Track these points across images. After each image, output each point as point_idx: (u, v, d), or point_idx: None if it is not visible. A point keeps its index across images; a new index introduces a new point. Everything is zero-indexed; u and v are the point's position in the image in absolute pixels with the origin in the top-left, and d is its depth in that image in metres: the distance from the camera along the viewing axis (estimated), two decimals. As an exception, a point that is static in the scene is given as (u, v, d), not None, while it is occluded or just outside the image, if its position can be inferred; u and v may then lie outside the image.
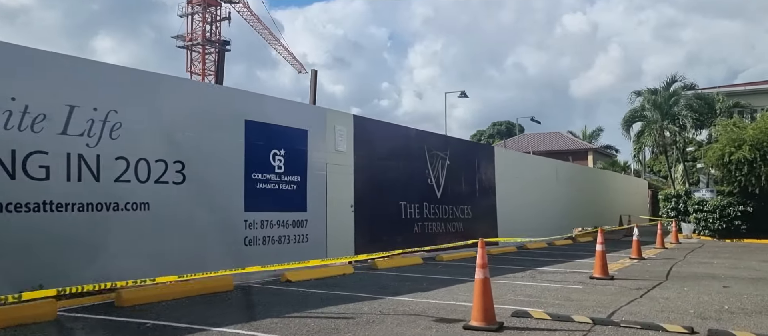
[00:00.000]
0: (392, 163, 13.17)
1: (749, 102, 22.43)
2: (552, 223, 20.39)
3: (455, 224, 15.43)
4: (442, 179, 15.05)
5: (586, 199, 25.03)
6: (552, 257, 14.36)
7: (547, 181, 21.39)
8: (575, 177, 24.34)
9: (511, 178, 18.68)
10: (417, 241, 13.59)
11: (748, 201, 20.64)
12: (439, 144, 15.12)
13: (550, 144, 42.77)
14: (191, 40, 59.15)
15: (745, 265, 12.63)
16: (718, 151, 19.88)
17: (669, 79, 24.01)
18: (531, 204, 19.70)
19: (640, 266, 12.34)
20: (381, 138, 12.88)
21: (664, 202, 23.19)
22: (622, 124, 25.34)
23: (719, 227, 20.84)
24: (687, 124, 22.96)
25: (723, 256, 14.93)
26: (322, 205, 10.84)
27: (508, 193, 18.33)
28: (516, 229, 18.10)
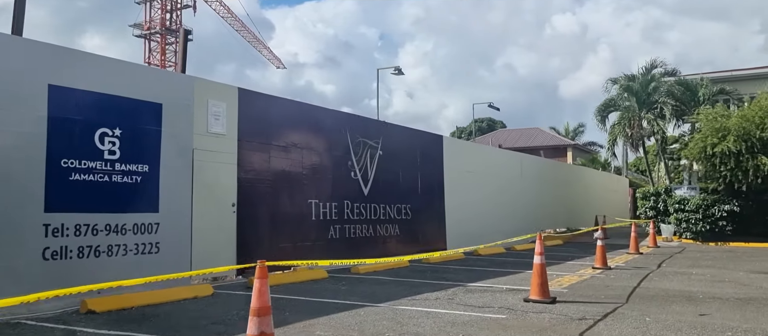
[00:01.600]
0: (300, 151, 10.66)
1: (736, 87, 20.22)
2: (516, 225, 17.97)
3: (389, 227, 12.95)
4: (372, 172, 12.57)
5: (557, 198, 22.68)
6: (500, 267, 11.94)
7: (510, 176, 18.99)
8: (545, 173, 21.97)
9: (465, 172, 16.25)
10: (333, 248, 11.11)
11: (734, 199, 18.37)
12: (369, 130, 12.63)
13: (529, 140, 40.49)
14: (149, 29, 55.94)
15: (730, 278, 10.27)
16: (700, 143, 17.58)
17: (648, 65, 21.73)
18: (489, 202, 17.29)
19: (600, 280, 9.93)
20: (282, 119, 10.37)
21: (642, 200, 20.88)
22: (596, 114, 22.97)
23: (702, 229, 18.55)
24: (666, 113, 20.63)
25: (704, 265, 12.59)
26: (185, 203, 8.31)
27: (461, 190, 15.89)
28: (470, 231, 15.68)
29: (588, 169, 31.28)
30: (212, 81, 9.34)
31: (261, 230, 9.64)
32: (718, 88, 20.39)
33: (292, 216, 10.37)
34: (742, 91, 19.31)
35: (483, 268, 11.64)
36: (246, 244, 9.27)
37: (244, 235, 9.24)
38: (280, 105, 10.53)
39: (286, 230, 10.18)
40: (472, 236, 14.85)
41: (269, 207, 9.88)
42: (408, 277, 10.06)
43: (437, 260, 12.83)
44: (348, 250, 11.54)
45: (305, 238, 10.60)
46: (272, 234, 9.87)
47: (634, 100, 21.50)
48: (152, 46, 55.94)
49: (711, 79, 20.61)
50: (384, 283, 9.24)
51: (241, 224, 9.22)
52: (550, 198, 21.89)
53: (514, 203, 18.78)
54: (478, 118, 63.14)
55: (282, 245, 10.00)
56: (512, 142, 39.97)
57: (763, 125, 16.89)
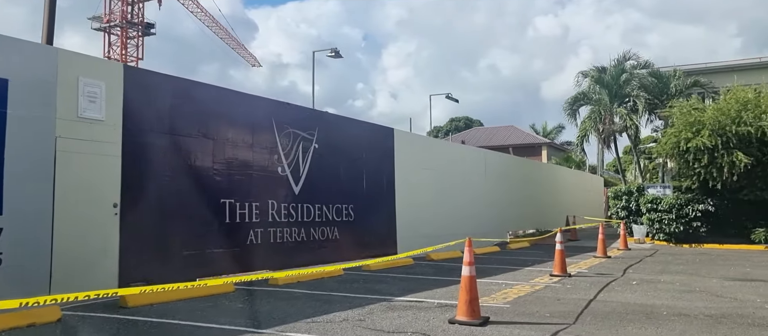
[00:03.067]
0: (210, 143, 9.16)
1: (710, 80, 19.17)
2: (479, 226, 16.65)
3: (326, 230, 11.49)
4: (305, 168, 11.10)
5: (526, 197, 21.45)
6: (447, 275, 10.58)
7: (473, 174, 17.66)
8: (512, 170, 20.71)
9: (420, 169, 14.88)
10: (254, 255, 9.64)
11: (708, 198, 17.27)
12: (302, 120, 11.16)
13: (503, 138, 39.33)
14: (109, 22, 53.47)
15: (702, 287, 9.01)
16: (673, 138, 16.44)
17: (620, 57, 20.57)
18: (449, 202, 15.94)
19: (553, 291, 8.59)
20: (187, 105, 8.86)
21: (613, 200, 19.72)
22: (565, 108, 21.77)
23: (676, 230, 17.40)
24: (639, 106, 19.50)
25: (675, 270, 11.36)
26: (42, 204, 6.77)
27: (415, 189, 14.51)
28: (425, 234, 14.28)
29: (560, 168, 30.18)
30: (86, 55, 7.77)
31: (154, 237, 8.12)
32: (693, 80, 19.31)
33: (198, 219, 8.87)
34: (718, 83, 18.25)
35: (426, 277, 10.26)
36: (133, 254, 7.74)
37: (130, 243, 7.71)
38: (184, 87, 9.01)
39: (190, 236, 8.67)
40: (428, 239, 13.44)
41: (167, 209, 8.36)
42: (331, 289, 8.63)
43: (378, 267, 11.42)
44: (273, 257, 10.08)
45: (216, 244, 9.10)
46: (170, 241, 8.35)
47: (606, 93, 20.36)
48: (112, 39, 53.54)
49: (685, 71, 19.55)
50: (296, 297, 7.80)
51: (126, 229, 7.69)
52: (518, 197, 20.64)
53: (477, 203, 17.47)
54: (455, 117, 62.14)
55: (185, 253, 8.50)
56: (486, 140, 38.81)
57: (740, 119, 15.80)
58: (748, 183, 16.19)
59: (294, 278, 9.35)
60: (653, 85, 19.53)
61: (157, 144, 8.27)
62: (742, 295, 8.18)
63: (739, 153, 15.38)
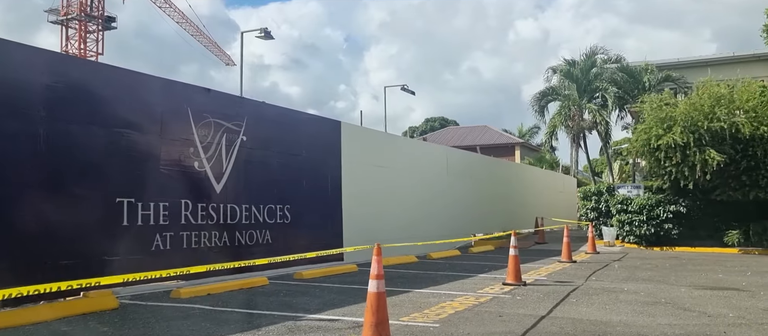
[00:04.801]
0: (103, 133, 7.81)
1: (682, 75, 18.32)
2: (439, 228, 15.54)
3: (256, 233, 10.20)
4: (229, 164, 9.80)
5: (493, 198, 20.38)
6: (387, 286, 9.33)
7: (434, 173, 16.52)
8: (477, 169, 19.62)
9: (373, 166, 13.68)
10: (162, 262, 8.30)
11: (681, 199, 16.37)
12: (226, 109, 9.85)
13: (476, 138, 38.34)
14: (67, 14, 51.01)
15: (668, 298, 7.94)
16: (644, 135, 15.49)
17: (590, 51, 19.63)
18: (405, 203, 14.78)
19: (499, 304, 7.44)
20: (71, 86, 7.49)
21: (583, 201, 18.75)
22: (532, 103, 20.74)
23: (646, 232, 16.47)
24: (608, 101, 18.57)
25: (642, 277, 10.31)
26: None
27: (366, 188, 13.31)
28: (377, 237, 13.00)
29: (531, 168, 29.24)
30: None
31: (16, 243, 6.74)
32: (665, 75, 18.43)
33: (85, 221, 7.52)
34: (691, 79, 17.42)
35: (361, 287, 8.99)
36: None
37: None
38: (63, 65, 7.66)
39: (72, 242, 7.31)
40: (382, 241, 12.23)
41: (37, 209, 7.00)
42: (240, 304, 7.37)
43: (314, 275, 10.18)
44: (188, 264, 8.72)
45: (109, 251, 7.75)
46: (42, 248, 6.98)
47: (575, 87, 19.39)
48: (70, 33, 51.12)
49: (657, 66, 18.68)
50: (190, 316, 6.51)
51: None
52: (484, 197, 19.56)
53: (437, 204, 16.33)
54: (431, 118, 61.24)
55: (62, 263, 7.13)
56: (459, 140, 37.82)
57: (713, 115, 14.90)
58: (720, 182, 15.32)
59: (203, 290, 8.06)
60: (624, 80, 18.62)
61: (20, 130, 6.89)
62: (712, 308, 7.12)
63: (712, 151, 14.49)
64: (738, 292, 8.59)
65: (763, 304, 7.44)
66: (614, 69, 19.05)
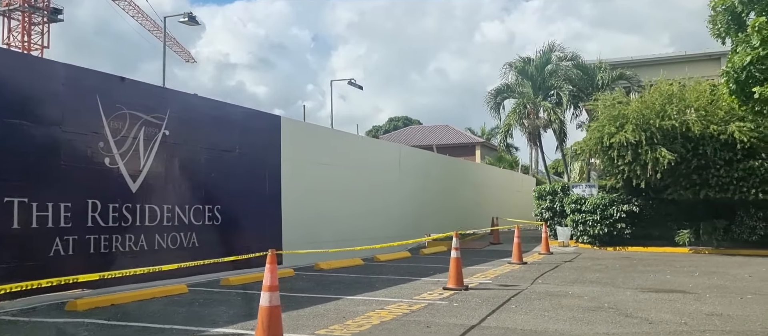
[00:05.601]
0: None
1: (636, 73, 18.24)
2: (391, 228, 14.96)
3: (180, 236, 9.38)
4: (148, 160, 8.96)
5: (449, 197, 19.95)
6: (321, 292, 8.71)
7: (385, 171, 15.92)
8: (432, 168, 19.13)
9: (317, 164, 12.98)
10: (65, 269, 7.40)
11: (634, 198, 16.20)
12: (144, 100, 9.00)
13: (437, 137, 38.00)
14: (9, 5, 48.33)
15: (612, 303, 7.51)
16: (597, 133, 15.24)
17: (546, 48, 19.38)
18: (354, 202, 14.15)
19: (432, 312, 6.86)
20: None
21: (537, 200, 18.45)
22: (488, 100, 20.36)
23: (600, 232, 16.24)
24: (563, 99, 18.35)
25: (589, 280, 9.91)
26: None
27: (309, 187, 12.61)
28: (322, 239, 12.43)
29: (489, 167, 29.04)
30: None
31: None
32: (618, 73, 18.30)
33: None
34: (644, 77, 17.32)
35: (288, 294, 8.31)
36: None
37: None
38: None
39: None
40: (328, 245, 11.62)
41: None
42: (137, 317, 6.60)
43: (245, 280, 9.43)
44: (96, 271, 7.86)
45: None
46: None
47: (530, 85, 19.10)
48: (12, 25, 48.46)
49: (611, 64, 18.56)
50: (66, 333, 5.69)
51: None
52: (439, 197, 19.10)
53: (389, 203, 15.74)
54: (395, 117, 60.80)
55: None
56: (420, 139, 37.42)
57: (664, 113, 14.75)
58: (672, 181, 15.19)
59: (105, 301, 7.23)
60: (579, 77, 18.44)
61: None
62: (656, 314, 6.70)
63: (663, 149, 14.31)
64: (684, 294, 8.24)
65: (708, 309, 7.07)
66: (569, 66, 18.86)
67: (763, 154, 14.38)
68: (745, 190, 14.30)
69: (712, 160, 14.57)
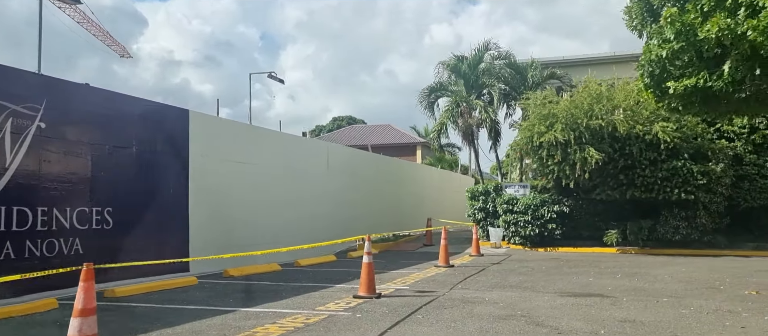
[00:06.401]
0: None
1: (567, 72, 18.27)
2: (319, 230, 14.17)
3: (59, 243, 8.29)
4: (16, 157, 7.85)
5: (383, 198, 19.38)
6: (215, 303, 7.87)
7: (312, 170, 15.14)
8: (365, 168, 18.51)
9: (233, 162, 12.07)
10: None
11: (564, 198, 16.10)
12: (12, 88, 7.88)
13: (378, 137, 37.49)
14: None
15: (526, 310, 7.06)
16: (527, 132, 15.03)
17: (481, 46, 19.15)
18: (276, 203, 13.32)
19: (328, 324, 6.19)
20: None
21: (471, 201, 18.13)
22: (421, 99, 19.96)
23: (531, 233, 16.04)
24: (494, 97, 18.15)
25: (510, 284, 9.50)
26: None
27: (224, 187, 11.71)
28: (240, 242, 11.52)
29: (427, 167, 28.74)
30: None
31: None
32: (550, 72, 18.27)
33: None
34: (575, 77, 17.35)
35: (177, 307, 7.43)
36: None
37: None
38: None
39: None
40: (241, 249, 10.73)
41: None
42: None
43: (136, 291, 8.45)
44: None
45: None
46: None
47: (463, 83, 18.79)
48: None
49: (542, 63, 18.53)
50: None
51: None
52: (373, 198, 18.48)
53: (316, 205, 14.96)
54: (339, 116, 59.90)
55: None
56: (361, 138, 36.80)
57: (592, 112, 14.68)
58: (600, 182, 15.16)
59: (-57, 321, 6.13)
60: (511, 76, 18.28)
61: None
62: (567, 322, 6.27)
63: (591, 149, 14.23)
64: (602, 298, 7.91)
65: (622, 314, 6.72)
66: (502, 65, 18.69)
67: (685, 154, 14.52)
68: (669, 190, 14.41)
69: (637, 160, 14.62)
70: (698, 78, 6.71)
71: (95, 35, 64.30)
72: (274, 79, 22.15)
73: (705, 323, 6.23)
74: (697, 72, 6.75)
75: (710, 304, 7.34)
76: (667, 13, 6.01)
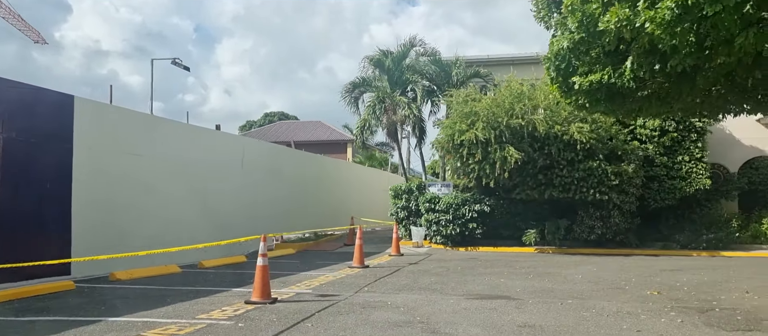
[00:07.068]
0: None
1: (490, 71, 18.28)
2: (231, 229, 13.26)
3: None
4: None
5: (305, 196, 18.67)
6: (82, 312, 6.93)
7: (225, 166, 14.22)
8: (286, 165, 17.72)
9: (127, 155, 11.03)
10: None
11: (486, 198, 16.00)
12: None
13: (307, 134, 36.60)
14: None
15: (425, 316, 6.63)
16: (449, 130, 14.78)
17: (407, 42, 18.83)
18: (180, 200, 12.38)
19: (205, 334, 5.47)
20: None
21: (394, 199, 17.77)
22: (343, 94, 19.41)
23: (452, 232, 15.84)
24: (418, 93, 17.89)
25: (420, 286, 9.09)
26: None
27: (116, 183, 10.63)
28: (134, 242, 10.48)
29: (355, 165, 28.26)
30: None
31: None
32: (474, 71, 18.20)
33: None
34: (500, 76, 17.35)
35: (31, 320, 6.47)
36: None
37: None
38: None
39: None
40: (137, 250, 9.72)
41: None
42: None
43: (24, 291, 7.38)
44: None
45: None
46: None
47: (387, 78, 18.40)
48: None
49: (466, 62, 18.45)
50: None
51: None
52: (293, 196, 17.72)
53: (228, 202, 14.06)
54: (270, 113, 58.38)
55: None
56: (291, 135, 35.79)
57: (513, 111, 14.62)
58: (520, 181, 15.15)
59: None
60: (436, 73, 18.08)
61: None
62: (465, 329, 5.89)
63: (511, 148, 14.16)
64: (508, 301, 7.63)
65: (523, 318, 6.42)
66: (427, 62, 18.44)
67: (600, 155, 14.74)
68: (585, 190, 14.58)
69: (556, 160, 14.70)
70: (603, 74, 6.53)
71: (4, 18, 59.50)
72: (179, 65, 20.80)
73: (603, 326, 6.03)
74: (602, 67, 6.57)
75: (612, 306, 7.20)
76: (568, 1, 5.74)
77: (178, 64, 21.07)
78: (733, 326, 6.06)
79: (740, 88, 6.80)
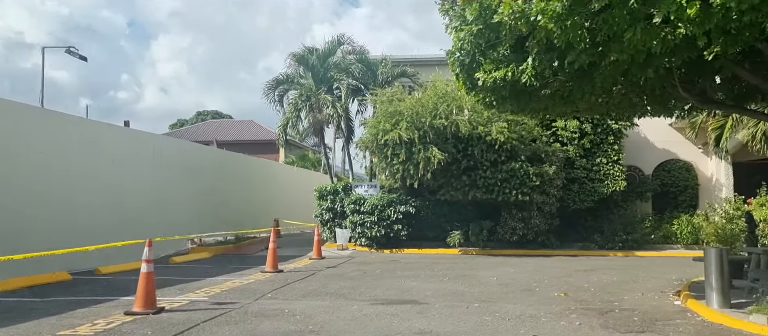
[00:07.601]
0: None
1: (417, 71, 18.15)
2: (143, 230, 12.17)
3: None
4: None
5: (227, 197, 17.81)
6: None
7: (135, 165, 13.26)
8: (206, 164, 16.83)
9: (16, 153, 9.92)
10: None
11: (411, 199, 15.80)
12: None
13: (239, 133, 35.41)
14: None
15: (323, 323, 6.23)
16: (373, 129, 14.46)
17: (335, 40, 18.41)
18: (81, 201, 11.33)
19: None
20: None
21: (319, 200, 17.26)
22: (266, 91, 18.75)
23: (377, 234, 15.53)
24: (342, 91, 17.52)
25: (328, 292, 8.65)
26: None
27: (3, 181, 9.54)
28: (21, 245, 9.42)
29: (283, 165, 27.54)
30: None
31: None
32: (400, 70, 18.01)
33: None
34: (425, 76, 17.23)
35: None
36: None
37: None
38: None
39: None
40: (16, 253, 8.69)
41: None
42: None
43: None
44: None
45: None
46: None
47: (311, 76, 17.90)
48: None
49: (393, 61, 18.26)
50: None
51: None
52: (213, 196, 16.84)
53: (138, 203, 13.08)
54: (203, 111, 56.37)
55: None
56: (222, 134, 34.50)
57: (436, 111, 14.46)
58: (445, 182, 15.02)
59: None
60: (362, 72, 17.77)
61: None
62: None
63: (435, 148, 13.99)
64: (413, 305, 7.33)
65: (423, 325, 6.12)
66: (353, 60, 18.09)
67: (523, 156, 14.84)
68: (508, 191, 14.61)
69: (479, 161, 14.66)
70: (507, 70, 6.32)
71: None
72: (74, 54, 19.40)
73: (501, 332, 5.81)
74: (507, 64, 6.37)
75: (516, 309, 7.03)
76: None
77: (73, 53, 19.63)
78: (627, 328, 6.00)
79: (640, 88, 6.79)
